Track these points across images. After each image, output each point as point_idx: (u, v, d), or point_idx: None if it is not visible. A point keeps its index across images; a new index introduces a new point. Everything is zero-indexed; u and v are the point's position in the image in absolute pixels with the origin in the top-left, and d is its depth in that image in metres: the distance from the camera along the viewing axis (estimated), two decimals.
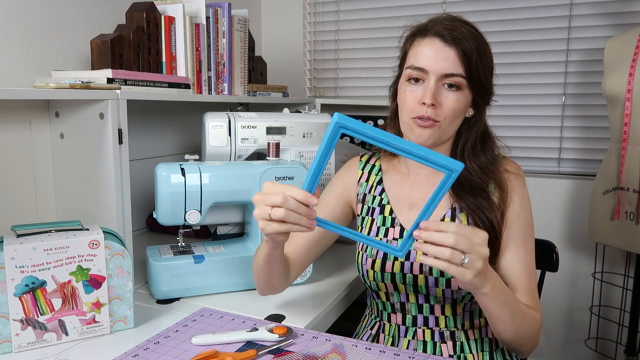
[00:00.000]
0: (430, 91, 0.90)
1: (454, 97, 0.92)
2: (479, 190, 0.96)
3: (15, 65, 1.18)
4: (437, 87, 0.91)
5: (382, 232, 1.02)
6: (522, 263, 0.95)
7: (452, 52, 0.90)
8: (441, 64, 0.90)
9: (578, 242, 1.94)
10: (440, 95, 0.91)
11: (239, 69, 1.60)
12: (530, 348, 0.94)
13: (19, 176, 1.14)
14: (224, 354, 0.83)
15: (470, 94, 0.94)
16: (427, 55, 0.91)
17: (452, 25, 0.91)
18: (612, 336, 1.91)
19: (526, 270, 0.95)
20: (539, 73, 1.93)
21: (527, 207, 0.99)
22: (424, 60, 0.92)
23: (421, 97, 0.92)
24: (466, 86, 0.92)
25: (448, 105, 0.92)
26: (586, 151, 1.91)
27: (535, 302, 0.95)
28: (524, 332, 0.90)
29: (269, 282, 0.98)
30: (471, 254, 0.74)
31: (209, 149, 1.29)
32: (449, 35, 0.90)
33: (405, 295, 1.00)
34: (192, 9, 1.44)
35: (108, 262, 0.91)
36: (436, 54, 0.91)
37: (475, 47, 0.91)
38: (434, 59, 0.91)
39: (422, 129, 0.93)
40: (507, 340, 0.91)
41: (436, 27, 0.92)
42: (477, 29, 0.94)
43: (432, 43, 0.92)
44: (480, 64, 0.92)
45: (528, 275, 0.95)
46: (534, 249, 0.99)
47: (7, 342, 0.85)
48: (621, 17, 1.80)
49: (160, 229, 1.56)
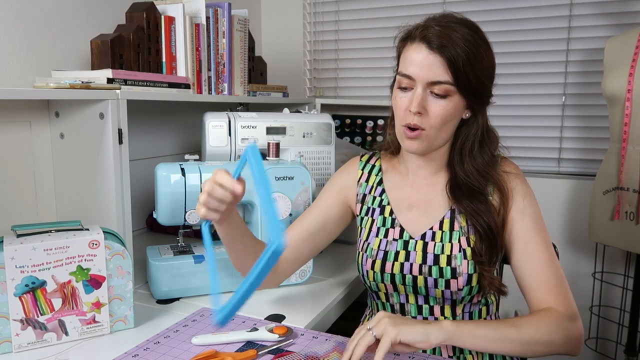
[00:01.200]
0: (417, 100, 0.90)
1: (441, 104, 0.90)
2: (476, 193, 0.96)
3: (15, 65, 1.18)
4: (425, 95, 0.90)
5: (382, 232, 1.02)
6: (534, 259, 0.93)
7: (437, 60, 0.88)
8: (427, 72, 0.89)
9: (578, 242, 1.94)
10: (427, 102, 0.91)
11: (239, 69, 1.60)
12: (568, 344, 0.87)
13: (19, 176, 1.14)
14: (224, 354, 0.83)
15: (463, 99, 0.92)
16: (414, 62, 0.90)
17: (442, 30, 0.89)
18: (612, 336, 1.91)
19: (541, 266, 0.92)
20: (539, 73, 1.93)
21: (532, 204, 0.97)
22: (411, 68, 0.91)
23: (408, 104, 0.91)
24: (455, 92, 0.90)
25: (435, 113, 0.91)
26: (586, 151, 1.91)
27: (557, 296, 0.90)
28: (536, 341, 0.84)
29: (237, 263, 0.99)
30: (377, 329, 0.79)
31: (209, 149, 1.29)
32: (435, 42, 0.88)
33: (404, 296, 1.00)
34: (192, 9, 1.44)
35: (108, 262, 0.91)
36: (422, 61, 0.89)
37: (464, 52, 0.88)
38: (420, 66, 0.89)
39: (411, 141, 0.93)
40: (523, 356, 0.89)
41: (425, 31, 0.90)
42: (473, 30, 0.91)
43: (419, 49, 0.90)
44: (470, 69, 0.89)
45: (545, 270, 0.92)
46: (548, 242, 0.95)
47: (7, 342, 0.85)
48: (621, 17, 1.80)
49: (160, 229, 1.56)
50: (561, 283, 0.92)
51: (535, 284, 0.92)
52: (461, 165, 0.98)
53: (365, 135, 2.04)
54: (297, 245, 1.05)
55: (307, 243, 1.06)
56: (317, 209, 1.08)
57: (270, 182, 0.75)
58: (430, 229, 0.98)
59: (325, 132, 1.40)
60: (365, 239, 1.04)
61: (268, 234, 0.67)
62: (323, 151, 1.40)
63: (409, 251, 0.98)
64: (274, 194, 1.12)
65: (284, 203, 1.13)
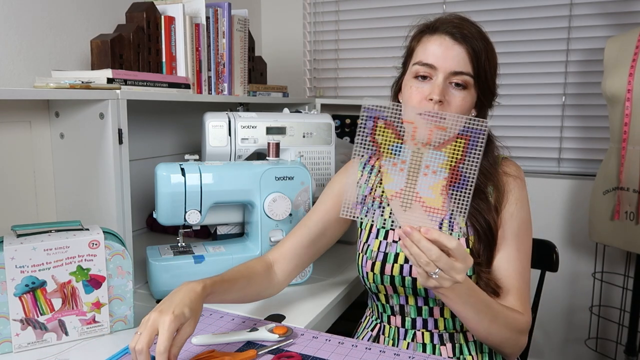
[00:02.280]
0: (438, 88, 0.90)
1: (460, 95, 0.91)
2: (477, 192, 0.95)
3: (15, 65, 1.18)
4: (445, 85, 0.91)
5: (382, 234, 1.02)
6: (511, 264, 0.94)
7: (461, 50, 0.90)
8: (450, 62, 0.90)
9: (578, 242, 1.94)
10: (447, 93, 0.91)
11: (239, 69, 1.60)
12: (511, 350, 0.93)
13: (19, 176, 1.14)
14: (224, 354, 0.83)
15: (476, 94, 0.94)
16: (436, 52, 0.91)
17: (462, 24, 0.92)
18: (612, 336, 1.91)
19: (516, 272, 0.94)
20: (539, 73, 1.93)
21: (523, 209, 0.98)
22: (433, 57, 0.91)
23: (428, 93, 0.91)
24: (473, 85, 0.92)
25: (455, 104, 0.91)
26: (586, 151, 1.91)
27: (523, 304, 0.93)
28: (497, 334, 0.88)
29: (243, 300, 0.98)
30: (444, 274, 0.74)
31: (209, 149, 1.29)
32: (458, 33, 0.90)
33: (404, 297, 1.00)
34: (192, 9, 1.44)
35: (108, 262, 0.91)
36: (446, 51, 0.90)
37: (484, 46, 0.91)
38: (443, 56, 0.90)
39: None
40: (480, 339, 0.92)
41: (445, 25, 0.92)
42: (483, 31, 0.95)
43: (442, 40, 0.91)
44: (487, 64, 0.92)
45: (518, 277, 0.94)
46: (528, 252, 0.97)
47: (7, 342, 0.85)
48: (621, 17, 1.80)
49: (160, 229, 1.56)
50: (528, 293, 0.96)
51: (507, 287, 0.93)
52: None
53: None
54: (297, 253, 1.05)
55: (307, 250, 1.06)
56: (316, 215, 1.08)
57: None
58: None
59: (325, 132, 1.40)
60: (365, 241, 1.04)
61: None
62: (323, 151, 1.40)
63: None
64: (274, 194, 1.12)
65: (284, 203, 1.13)
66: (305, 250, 1.06)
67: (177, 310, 0.74)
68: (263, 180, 1.12)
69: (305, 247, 1.06)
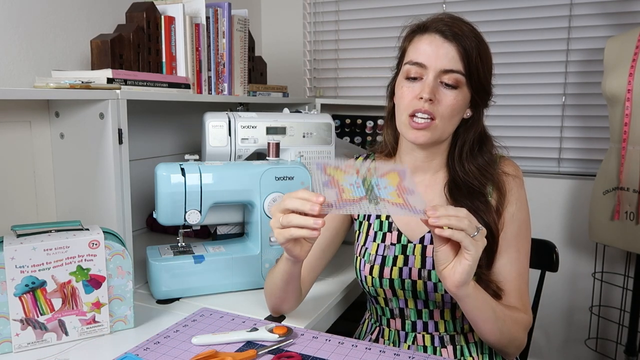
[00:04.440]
0: (429, 86, 0.90)
1: (452, 94, 0.91)
2: (476, 193, 0.95)
3: (15, 65, 1.18)
4: (436, 84, 0.90)
5: (380, 237, 1.02)
6: (513, 265, 0.94)
7: (452, 48, 0.90)
8: (441, 60, 0.90)
9: (578, 242, 1.94)
10: (438, 92, 0.91)
11: (239, 69, 1.60)
12: (516, 349, 0.93)
13: (19, 176, 1.14)
14: (224, 354, 0.83)
15: (469, 93, 0.93)
16: (427, 51, 0.91)
17: (453, 22, 0.91)
18: (612, 336, 1.91)
19: (517, 272, 0.95)
20: (539, 73, 1.93)
21: (523, 210, 0.98)
22: (423, 56, 0.91)
23: (419, 92, 0.91)
24: (465, 84, 0.91)
25: (446, 103, 0.91)
26: (586, 151, 1.91)
27: (524, 304, 0.94)
28: (509, 333, 0.89)
29: (285, 300, 0.97)
30: (483, 230, 0.77)
31: (209, 149, 1.29)
32: (449, 32, 0.90)
33: (404, 300, 0.99)
34: (192, 9, 1.44)
35: (108, 262, 0.91)
36: (436, 49, 0.90)
37: (476, 45, 0.90)
38: (434, 54, 0.90)
39: (417, 131, 0.92)
40: (491, 342, 0.90)
41: (436, 23, 0.92)
42: (477, 30, 0.94)
43: (432, 39, 0.91)
44: (480, 62, 0.91)
45: (518, 277, 0.94)
46: (527, 251, 0.97)
47: (7, 342, 0.85)
48: (621, 17, 1.80)
49: (160, 229, 1.56)
50: (527, 293, 0.96)
51: (509, 288, 0.94)
52: (461, 165, 0.98)
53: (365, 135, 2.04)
54: (313, 267, 1.05)
55: (321, 261, 1.07)
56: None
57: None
58: (428, 232, 0.98)
59: (325, 132, 1.40)
60: (362, 244, 1.04)
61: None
62: (323, 151, 1.40)
63: (407, 255, 0.97)
64: (274, 194, 1.12)
65: None
66: (319, 262, 1.06)
67: None
68: (263, 180, 1.12)
69: (319, 258, 1.06)
